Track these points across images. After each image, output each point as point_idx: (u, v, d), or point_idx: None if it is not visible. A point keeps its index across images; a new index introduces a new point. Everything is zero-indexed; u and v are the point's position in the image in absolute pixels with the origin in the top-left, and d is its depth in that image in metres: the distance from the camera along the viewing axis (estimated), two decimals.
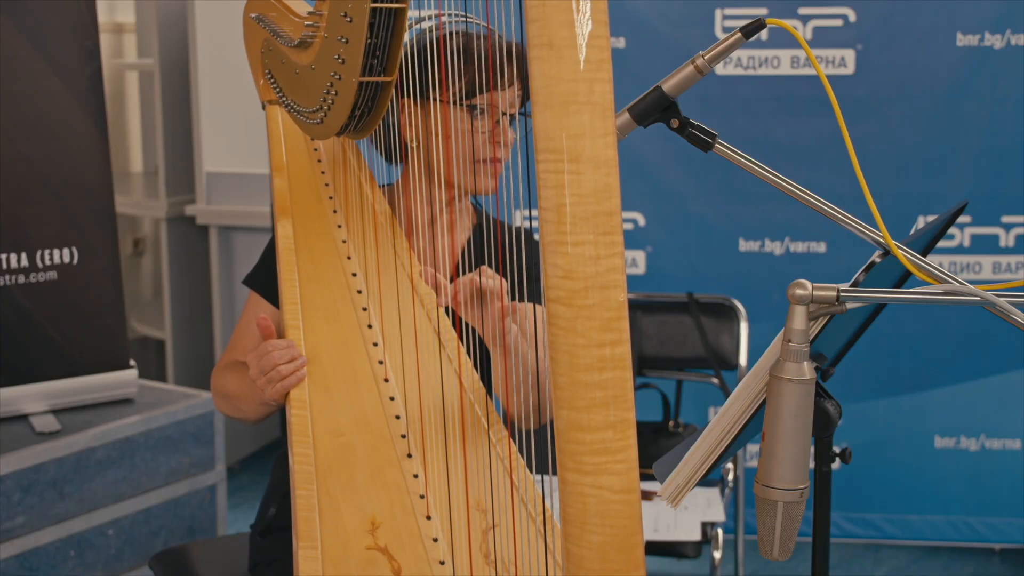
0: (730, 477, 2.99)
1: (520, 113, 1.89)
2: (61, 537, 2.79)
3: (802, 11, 3.45)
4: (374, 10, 1.61)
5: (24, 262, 2.95)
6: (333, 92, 1.72)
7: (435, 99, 1.84)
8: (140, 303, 4.77)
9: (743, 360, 3.08)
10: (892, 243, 1.31)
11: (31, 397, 2.96)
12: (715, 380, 3.09)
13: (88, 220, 3.03)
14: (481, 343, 1.77)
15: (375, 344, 1.80)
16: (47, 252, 2.98)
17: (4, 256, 2.91)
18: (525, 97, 1.87)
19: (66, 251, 3.00)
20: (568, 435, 1.10)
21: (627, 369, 1.09)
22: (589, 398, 1.09)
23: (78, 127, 3.00)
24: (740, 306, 3.12)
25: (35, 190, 2.94)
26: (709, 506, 2.76)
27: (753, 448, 3.61)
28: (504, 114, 1.85)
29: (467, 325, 1.73)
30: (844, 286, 1.20)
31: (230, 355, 1.95)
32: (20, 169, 2.92)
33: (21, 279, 2.94)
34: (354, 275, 1.88)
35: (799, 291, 1.18)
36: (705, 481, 2.53)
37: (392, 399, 1.74)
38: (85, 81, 3.01)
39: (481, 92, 1.83)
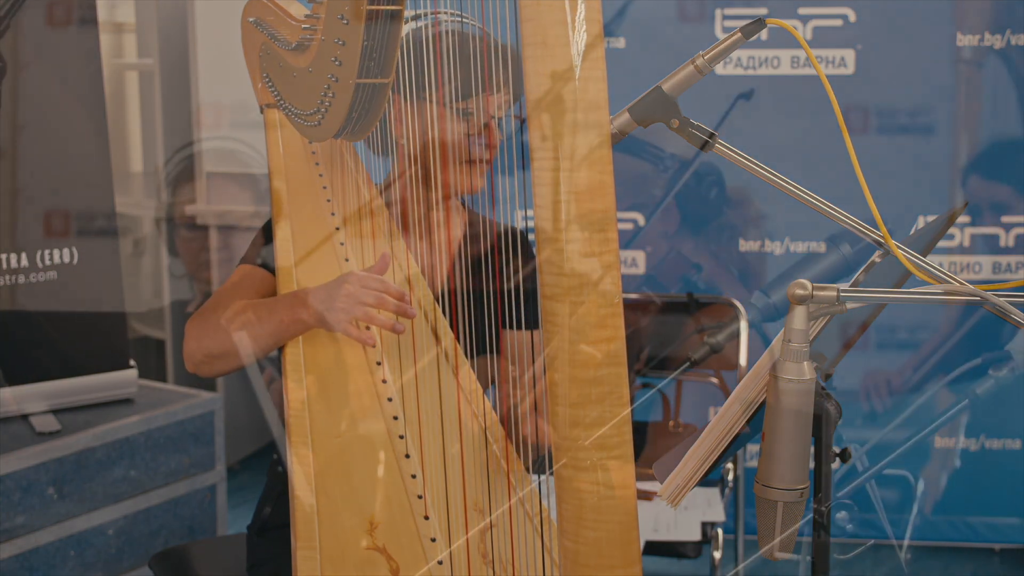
0: (730, 477, 2.99)
1: (516, 116, 1.89)
2: (61, 537, 2.79)
3: (802, 11, 3.45)
4: (370, 12, 1.61)
5: (24, 262, 2.94)
6: (330, 94, 1.72)
7: (424, 99, 1.84)
8: (140, 303, 4.76)
9: (743, 360, 3.07)
10: (892, 243, 1.31)
11: (31, 397, 2.95)
12: (715, 380, 3.08)
13: (88, 220, 3.03)
14: (478, 343, 1.77)
15: (372, 345, 1.80)
16: (47, 252, 2.97)
17: (4, 256, 2.91)
18: (515, 99, 1.87)
19: (66, 251, 3.00)
20: (564, 431, 1.10)
21: (622, 365, 1.09)
22: (585, 394, 1.09)
23: (78, 127, 3.00)
24: (740, 306, 3.11)
25: (35, 190, 2.94)
26: (709, 506, 2.76)
27: (753, 448, 3.60)
28: (492, 118, 1.85)
29: (464, 325, 1.73)
30: (844, 286, 1.20)
31: (214, 310, 1.80)
32: (20, 169, 2.91)
33: (21, 279, 2.94)
34: None
35: (799, 291, 1.18)
36: (705, 481, 2.52)
37: (390, 400, 1.74)
38: (85, 81, 3.00)
39: (467, 97, 1.83)
